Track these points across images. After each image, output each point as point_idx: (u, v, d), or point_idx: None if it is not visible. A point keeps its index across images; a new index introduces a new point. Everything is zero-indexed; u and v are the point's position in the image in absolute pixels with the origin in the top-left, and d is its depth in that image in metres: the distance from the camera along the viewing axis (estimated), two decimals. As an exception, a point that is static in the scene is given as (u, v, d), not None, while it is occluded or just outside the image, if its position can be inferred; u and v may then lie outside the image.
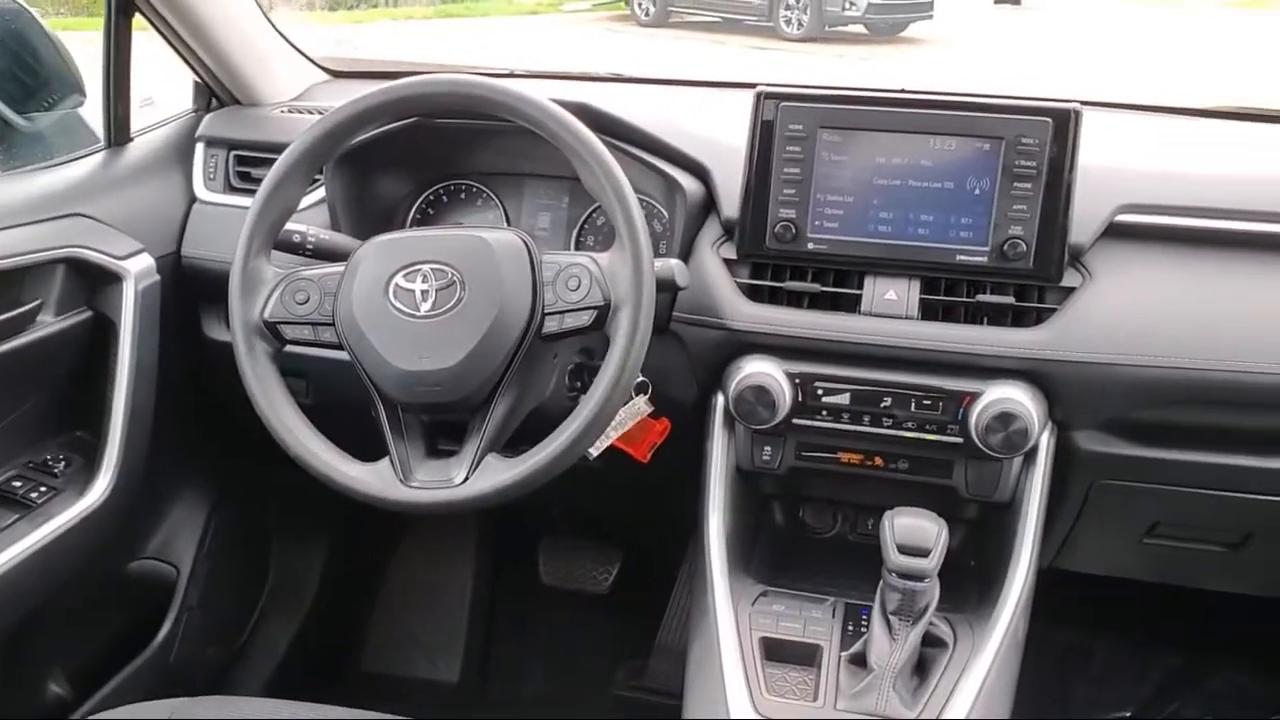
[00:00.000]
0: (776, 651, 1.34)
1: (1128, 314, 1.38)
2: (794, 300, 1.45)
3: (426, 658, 2.32)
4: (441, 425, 1.31)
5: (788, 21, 9.18)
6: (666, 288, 1.29)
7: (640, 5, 10.43)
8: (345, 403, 1.38)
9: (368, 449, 1.28)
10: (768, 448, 1.50)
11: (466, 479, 1.22)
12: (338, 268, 1.30)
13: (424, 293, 1.24)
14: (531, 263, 1.25)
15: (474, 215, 1.70)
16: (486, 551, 2.40)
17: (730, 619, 1.36)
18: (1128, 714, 2.08)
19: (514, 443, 1.29)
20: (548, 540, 2.41)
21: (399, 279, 1.25)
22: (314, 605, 2.21)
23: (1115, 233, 1.41)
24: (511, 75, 1.95)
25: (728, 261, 1.48)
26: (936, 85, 1.44)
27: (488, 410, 1.25)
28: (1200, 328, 1.37)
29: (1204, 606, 1.91)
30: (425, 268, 1.25)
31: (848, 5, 9.06)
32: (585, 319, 1.24)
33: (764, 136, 1.41)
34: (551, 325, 1.25)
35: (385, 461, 1.25)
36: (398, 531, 2.42)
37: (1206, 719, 2.03)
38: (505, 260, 1.25)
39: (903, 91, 1.43)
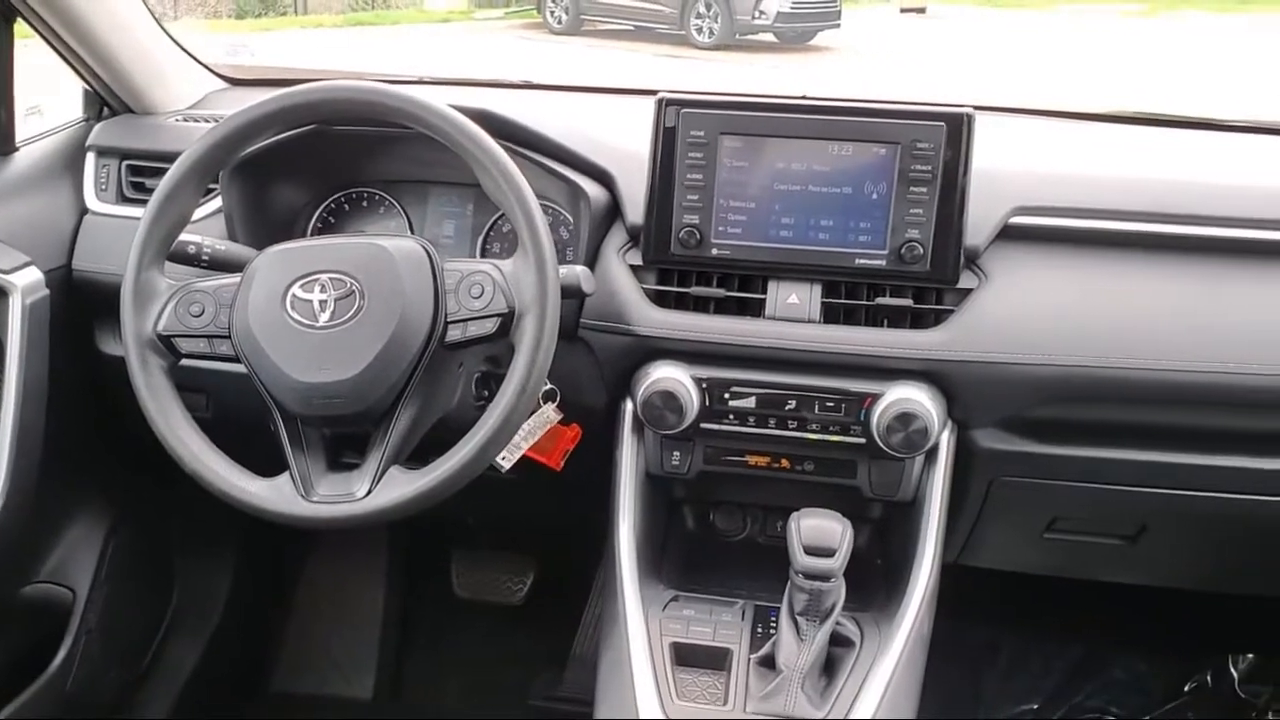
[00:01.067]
0: (687, 656, 1.35)
1: (1023, 314, 1.40)
2: (700, 305, 1.46)
3: (339, 674, 2.29)
4: (344, 438, 1.29)
5: (699, 30, 9.26)
6: (572, 294, 1.29)
7: (553, 14, 10.44)
8: (246, 417, 1.35)
9: (271, 464, 1.25)
10: (677, 452, 1.50)
11: (369, 492, 1.20)
12: (233, 279, 1.27)
13: (322, 303, 1.22)
14: (433, 270, 1.24)
15: (377, 224, 1.68)
16: (398, 565, 2.37)
17: (640, 625, 1.36)
18: (1034, 706, 2.13)
19: (422, 454, 1.27)
20: (461, 552, 2.39)
21: (296, 289, 1.23)
22: (221, 624, 2.16)
23: (1010, 235, 1.43)
24: (420, 82, 1.93)
25: (634, 268, 1.48)
26: (840, 92, 1.46)
27: (390, 421, 1.23)
28: (1094, 327, 1.40)
29: (1104, 599, 1.96)
30: (323, 277, 1.23)
31: (758, 14, 9.16)
32: (489, 326, 1.23)
33: (666, 143, 1.42)
34: (455, 333, 1.23)
35: (285, 476, 1.22)
36: (307, 546, 2.37)
37: (1109, 708, 2.09)
38: (406, 268, 1.23)
39: (802, 98, 1.44)
